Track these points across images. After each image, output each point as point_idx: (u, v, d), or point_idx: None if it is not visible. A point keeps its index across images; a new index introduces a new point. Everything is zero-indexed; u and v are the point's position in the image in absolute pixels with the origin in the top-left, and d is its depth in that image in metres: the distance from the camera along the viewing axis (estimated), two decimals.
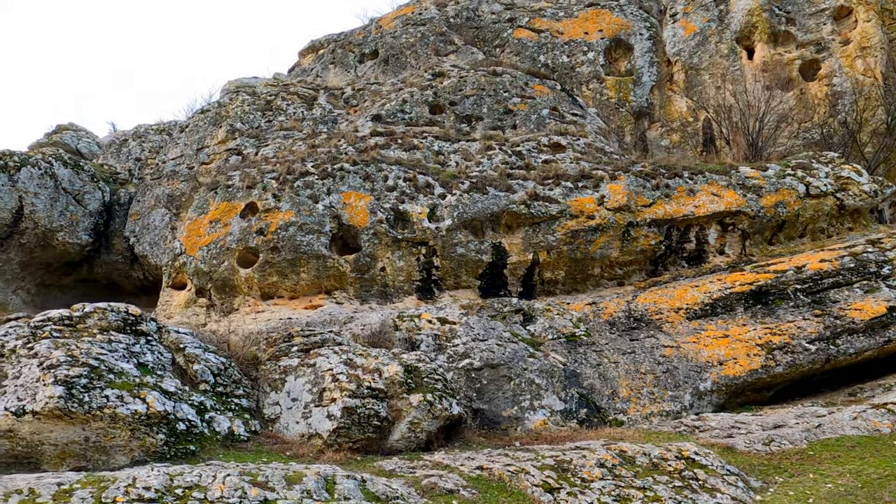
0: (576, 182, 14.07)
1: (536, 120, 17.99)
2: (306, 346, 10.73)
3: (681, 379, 10.93)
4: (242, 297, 13.41)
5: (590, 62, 20.09)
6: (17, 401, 7.83)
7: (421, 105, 18.50)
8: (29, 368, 8.19)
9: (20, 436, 7.73)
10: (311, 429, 9.55)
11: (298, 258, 13.09)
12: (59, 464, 7.87)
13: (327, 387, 9.76)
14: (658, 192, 13.94)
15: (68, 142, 31.50)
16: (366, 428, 9.40)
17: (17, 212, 19.32)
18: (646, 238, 13.61)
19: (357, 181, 14.03)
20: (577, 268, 13.62)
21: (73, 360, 8.20)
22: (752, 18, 18.66)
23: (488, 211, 13.48)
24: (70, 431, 7.84)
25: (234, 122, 19.95)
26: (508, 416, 10.55)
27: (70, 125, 33.54)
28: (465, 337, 11.38)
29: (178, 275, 14.35)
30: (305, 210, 13.36)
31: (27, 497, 5.70)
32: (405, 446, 9.57)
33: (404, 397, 9.65)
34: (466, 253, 13.26)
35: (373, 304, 13.15)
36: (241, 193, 14.10)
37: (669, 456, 8.35)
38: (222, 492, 6.01)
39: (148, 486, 5.93)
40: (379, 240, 13.27)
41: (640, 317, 12.20)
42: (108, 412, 7.90)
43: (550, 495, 7.73)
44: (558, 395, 10.63)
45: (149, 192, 20.96)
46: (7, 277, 20.18)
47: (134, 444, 8.05)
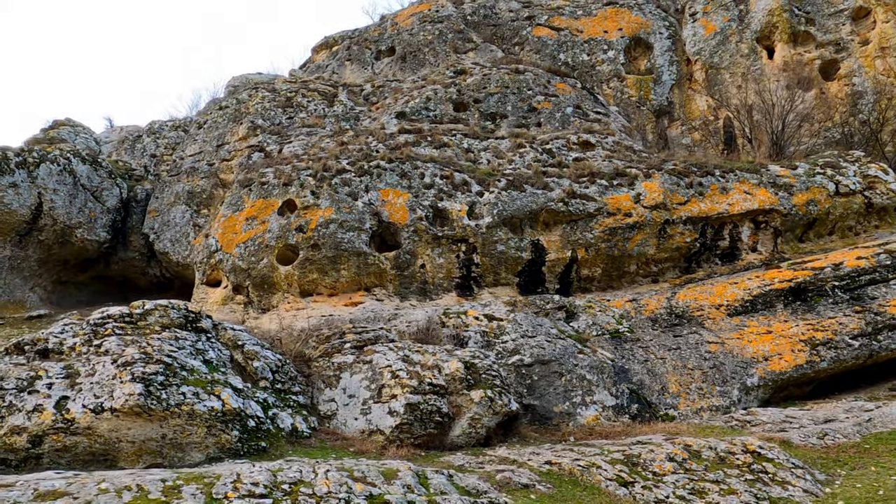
0: (611, 180, 14.20)
1: (561, 118, 18.10)
2: (359, 343, 10.79)
3: (728, 374, 11.10)
4: (281, 294, 13.41)
5: (610, 61, 20.23)
6: (95, 398, 7.82)
7: (445, 102, 18.55)
8: (103, 366, 8.18)
9: (98, 433, 7.73)
10: (372, 425, 9.61)
11: (339, 255, 13.11)
12: (135, 461, 7.88)
13: (386, 383, 9.82)
14: (692, 190, 14.10)
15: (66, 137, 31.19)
16: (427, 424, 9.48)
17: (36, 208, 19.17)
18: (681, 235, 13.77)
19: (394, 178, 14.07)
20: (613, 265, 13.76)
21: (147, 358, 8.20)
22: (772, 18, 18.87)
23: (527, 208, 13.58)
24: (148, 429, 7.85)
25: (254, 118, 19.88)
26: (560, 412, 10.66)
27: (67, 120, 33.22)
28: (513, 333, 11.48)
29: (213, 272, 14.32)
30: (345, 207, 13.38)
31: (138, 493, 5.71)
32: (465, 442, 9.65)
33: (464, 393, 9.73)
34: (506, 250, 13.35)
35: (413, 301, 13.21)
36: (278, 190, 14.08)
37: (736, 450, 8.51)
38: (328, 487, 6.06)
39: (255, 482, 5.97)
40: (419, 237, 13.32)
41: (681, 313, 12.36)
42: (186, 409, 7.92)
43: (625, 489, 7.85)
44: (609, 391, 10.75)
45: (167, 188, 20.85)
46: (25, 274, 20.02)
47: (209, 441, 8.07)
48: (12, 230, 18.95)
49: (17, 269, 19.77)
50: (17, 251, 19.44)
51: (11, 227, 18.88)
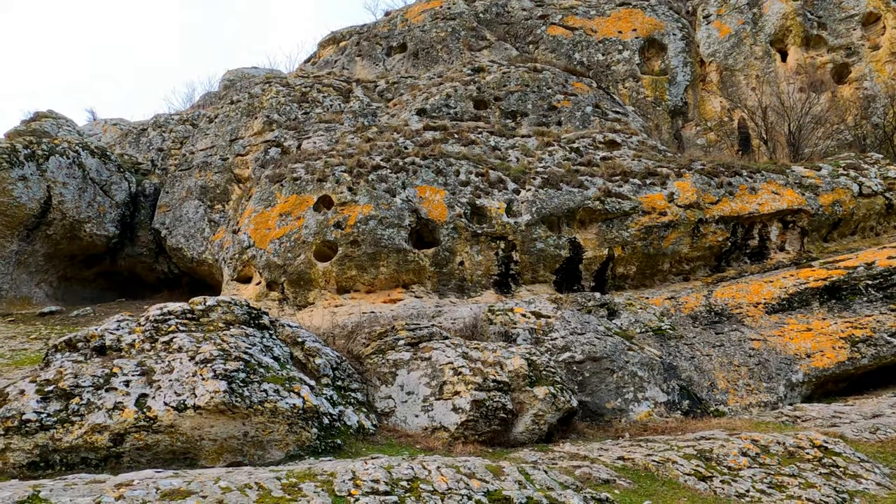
0: (643, 179, 14.35)
1: (581, 117, 18.24)
2: (413, 339, 10.75)
3: (773, 371, 11.32)
4: (318, 291, 13.31)
5: (625, 61, 20.43)
6: (176, 396, 7.69)
7: (465, 100, 18.56)
8: (180, 363, 8.04)
9: (181, 431, 7.60)
10: (435, 422, 9.59)
11: (378, 252, 13.06)
12: (216, 459, 7.77)
13: (448, 380, 9.81)
14: (722, 189, 14.33)
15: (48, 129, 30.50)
16: (492, 421, 9.50)
17: (45, 202, 18.77)
18: (713, 234, 13.99)
19: (430, 175, 14.04)
20: (647, 263, 13.92)
21: (225, 355, 8.09)
22: (785, 22, 19.24)
23: (565, 206, 13.66)
24: (230, 426, 7.74)
25: (269, 113, 19.67)
26: (612, 408, 10.77)
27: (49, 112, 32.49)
28: (562, 331, 11.55)
29: (244, 268, 14.15)
30: (384, 204, 13.32)
31: (260, 492, 5.64)
32: (528, 438, 9.69)
33: (527, 390, 9.77)
34: (545, 248, 13.42)
35: (452, 299, 13.21)
36: (312, 186, 13.96)
37: (804, 444, 8.69)
38: (447, 483, 6.05)
39: (375, 479, 5.93)
40: (458, 234, 13.32)
41: (720, 311, 12.56)
42: (269, 406, 7.83)
43: (704, 483, 7.97)
44: (660, 387, 10.89)
45: (178, 183, 20.53)
46: (31, 270, 19.55)
47: (290, 439, 7.99)
48: (20, 224, 18.51)
49: (24, 265, 19.31)
50: (25, 246, 19.00)
51: (20, 221, 18.44)
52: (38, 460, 7.38)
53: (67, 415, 7.53)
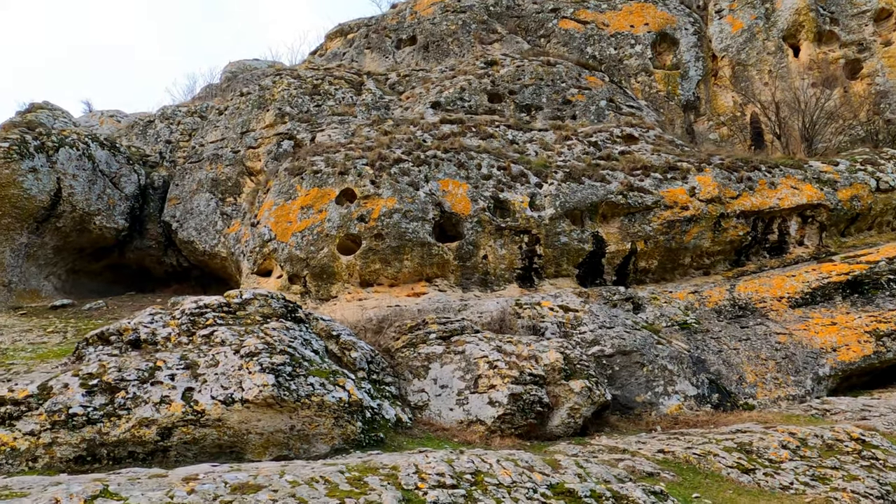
0: (664, 173, 14.38)
1: (596, 111, 18.25)
2: (445, 333, 10.75)
3: (800, 364, 11.40)
4: (341, 285, 13.26)
5: (638, 55, 20.43)
6: (223, 390, 7.65)
7: (480, 93, 18.52)
8: (224, 356, 7.99)
9: (228, 425, 7.56)
10: (471, 415, 9.60)
11: (403, 245, 13.02)
12: (262, 453, 7.73)
13: (483, 374, 9.82)
14: (742, 184, 14.38)
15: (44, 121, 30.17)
16: (528, 414, 9.51)
17: (55, 194, 18.57)
18: (734, 229, 14.04)
19: (452, 169, 14.01)
20: (669, 257, 13.96)
21: (270, 348, 8.05)
22: (798, 17, 19.30)
23: (588, 200, 13.67)
24: (277, 420, 7.71)
25: (281, 105, 19.55)
26: (642, 402, 10.81)
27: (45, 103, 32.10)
28: (591, 324, 11.57)
29: (265, 261, 14.07)
30: (408, 197, 13.28)
31: (327, 485, 5.61)
32: (563, 432, 9.72)
33: (563, 383, 9.80)
34: (569, 242, 13.43)
35: (476, 292, 13.20)
36: (333, 179, 13.89)
37: (842, 437, 8.76)
38: (511, 477, 6.05)
39: (439, 472, 5.92)
40: (482, 228, 13.31)
41: (744, 305, 12.63)
42: (316, 400, 7.80)
43: (748, 476, 8.02)
44: (690, 381, 10.94)
45: (188, 175, 20.38)
46: (40, 263, 19.38)
47: (336, 432, 7.97)
48: (30, 216, 18.32)
49: (33, 257, 19.12)
50: (34, 238, 18.81)
51: (30, 214, 18.25)
52: (84, 454, 7.32)
53: (114, 409, 7.47)
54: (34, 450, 7.25)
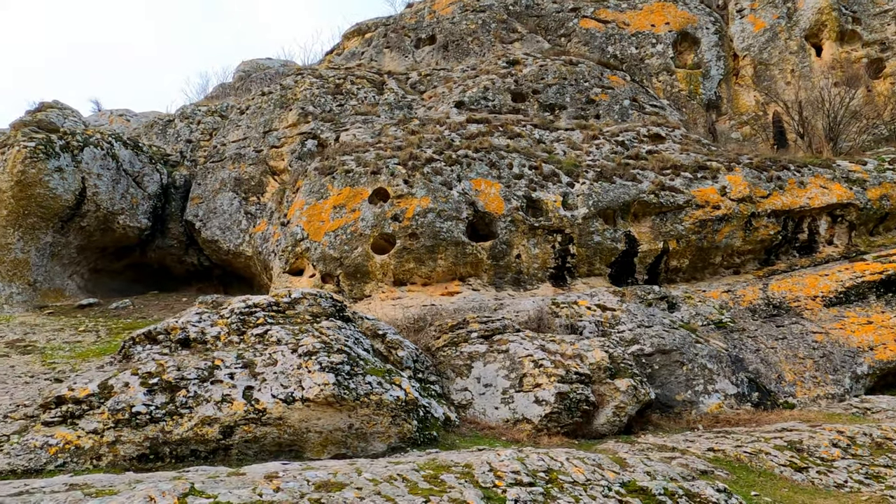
0: (694, 172, 14.42)
1: (620, 110, 18.29)
2: (486, 332, 10.80)
3: (837, 363, 11.45)
4: (375, 284, 13.31)
5: (659, 54, 20.46)
6: (283, 388, 7.70)
7: (503, 93, 18.56)
8: (282, 355, 8.04)
9: (288, 423, 7.61)
10: (517, 414, 9.64)
11: (437, 245, 13.06)
12: (320, 451, 7.78)
13: (528, 373, 9.86)
14: (772, 183, 14.42)
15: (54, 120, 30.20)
16: (574, 413, 9.56)
17: (79, 194, 18.60)
18: (765, 228, 14.09)
19: (484, 168, 14.05)
20: (700, 256, 14.00)
21: (327, 347, 8.09)
22: (821, 17, 19.33)
23: (620, 200, 13.72)
24: (336, 418, 7.76)
25: (304, 104, 19.59)
26: (682, 400, 10.85)
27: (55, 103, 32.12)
28: (629, 323, 11.62)
29: (297, 260, 14.10)
30: (441, 196, 13.32)
31: (405, 483, 5.66)
32: (608, 430, 9.77)
33: (608, 382, 9.85)
34: (602, 241, 13.48)
35: (509, 291, 13.25)
36: (365, 179, 13.93)
37: (891, 435, 8.81)
38: (584, 474, 6.10)
39: (514, 470, 5.97)
40: (516, 227, 13.35)
41: (778, 304, 12.68)
42: (375, 399, 7.85)
43: (801, 474, 8.06)
44: (729, 379, 10.99)
45: (210, 175, 20.42)
46: (64, 262, 19.43)
47: (392, 431, 8.02)
48: (55, 216, 18.35)
49: (58, 257, 19.17)
50: (59, 237, 18.86)
51: (55, 213, 18.28)
52: (147, 453, 7.37)
53: (175, 407, 7.52)
54: (98, 448, 7.30)
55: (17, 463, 7.16)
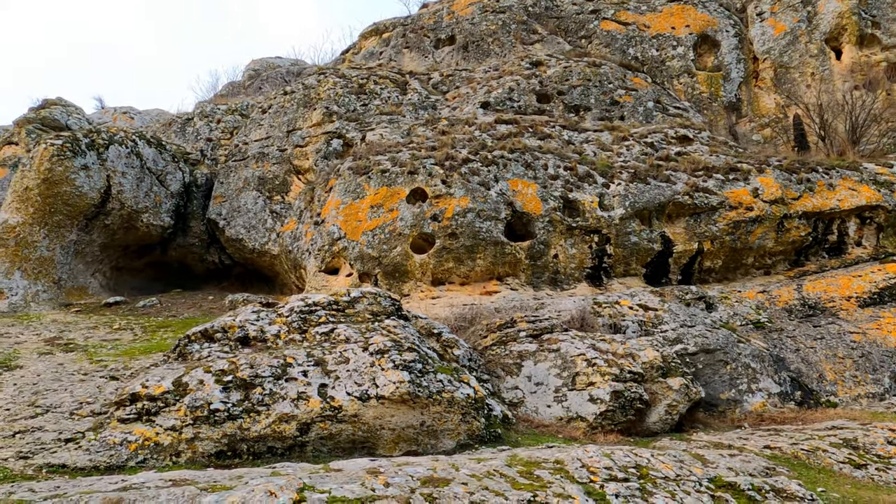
0: (726, 174, 14.60)
1: (644, 112, 18.45)
2: (535, 331, 10.92)
3: (876, 363, 11.64)
4: (414, 283, 13.40)
5: (680, 57, 20.65)
6: (357, 386, 7.79)
7: (528, 93, 18.69)
8: (353, 353, 8.13)
9: (363, 420, 7.70)
10: (570, 412, 9.77)
11: (477, 244, 13.17)
12: (392, 448, 7.88)
13: (581, 371, 9.99)
14: (802, 185, 14.62)
15: (58, 117, 30.20)
16: (628, 411, 9.70)
17: (104, 192, 18.58)
18: (796, 230, 14.28)
19: (520, 169, 14.17)
20: (733, 257, 14.18)
21: (398, 346, 8.19)
22: (841, 21, 19.57)
23: (656, 201, 13.87)
24: (409, 416, 7.86)
25: (328, 104, 19.65)
26: (726, 399, 11.01)
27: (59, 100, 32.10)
28: (672, 323, 11.77)
29: (333, 259, 14.18)
30: (480, 197, 13.43)
31: (504, 479, 5.77)
32: (660, 428, 9.91)
33: (660, 381, 9.99)
34: (639, 241, 13.63)
35: (547, 290, 13.38)
36: (403, 179, 14.02)
37: None
38: (673, 470, 6.23)
39: (607, 466, 6.10)
40: (554, 227, 13.48)
41: (813, 304, 12.87)
42: (447, 396, 7.95)
43: (861, 471, 8.23)
44: (772, 378, 11.16)
45: (233, 173, 20.46)
46: (87, 260, 19.42)
47: (462, 428, 8.12)
48: (81, 214, 18.34)
49: (81, 255, 19.16)
50: (83, 235, 18.85)
51: (80, 211, 18.27)
52: (225, 449, 7.44)
53: (252, 404, 7.59)
54: (177, 445, 7.37)
55: (98, 459, 7.22)
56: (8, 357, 11.30)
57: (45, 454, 7.41)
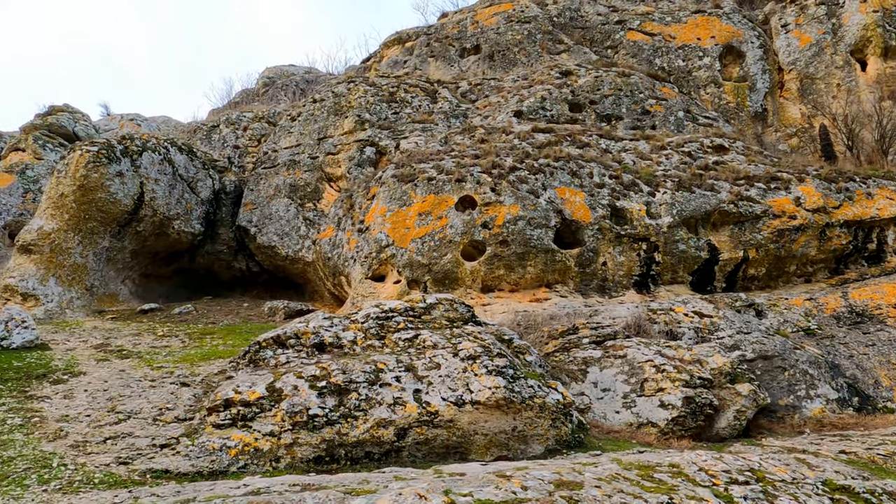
0: (767, 183, 14.79)
1: (675, 122, 18.67)
2: (598, 338, 11.02)
3: None
4: (464, 290, 13.47)
5: (707, 67, 20.91)
6: (450, 391, 7.84)
7: (561, 103, 18.87)
8: (443, 359, 8.19)
9: (458, 426, 7.75)
10: (641, 418, 9.86)
11: (528, 252, 13.27)
12: (484, 453, 7.93)
13: (650, 377, 10.09)
14: (841, 194, 14.84)
15: (65, 124, 30.22)
16: (698, 416, 9.80)
17: (138, 198, 18.56)
18: (838, 238, 14.48)
19: (566, 177, 14.30)
20: (776, 265, 14.36)
21: (487, 351, 8.26)
22: (866, 33, 19.90)
23: (703, 209, 14.04)
24: (502, 421, 7.92)
25: (360, 112, 19.76)
26: (785, 405, 11.14)
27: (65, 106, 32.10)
28: (728, 329, 11.91)
29: (380, 266, 14.23)
30: (530, 204, 13.54)
31: (627, 482, 5.85)
32: (728, 434, 10.02)
33: (728, 387, 10.10)
34: (687, 249, 13.78)
35: (597, 298, 13.49)
36: (450, 186, 14.12)
37: None
38: (787, 473, 6.33)
39: (725, 469, 6.18)
40: (602, 235, 13.61)
41: (861, 311, 13.04)
42: (538, 401, 8.02)
43: None
44: (829, 385, 11.30)
45: (263, 181, 20.49)
46: (118, 266, 19.38)
47: (551, 433, 8.19)
48: (114, 220, 18.32)
49: (113, 262, 19.13)
50: (115, 242, 18.82)
51: (114, 218, 18.25)
52: (323, 455, 7.47)
53: (349, 410, 7.63)
54: (276, 450, 7.39)
55: (200, 465, 7.23)
56: (69, 363, 11.27)
57: (143, 459, 7.41)
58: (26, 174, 25.95)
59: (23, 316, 12.52)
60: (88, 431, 8.19)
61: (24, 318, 12.47)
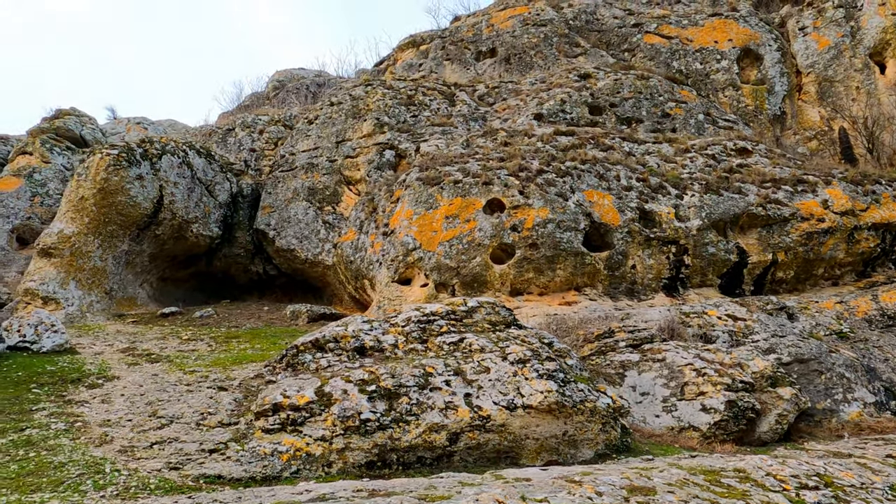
0: (794, 186, 14.76)
1: (695, 124, 18.64)
2: (635, 341, 10.96)
3: None
4: (493, 293, 13.41)
5: (725, 70, 20.89)
6: (501, 395, 7.77)
7: (581, 105, 18.83)
8: (493, 363, 8.12)
9: (510, 430, 7.68)
10: (682, 422, 9.79)
11: (557, 255, 13.22)
12: (534, 458, 7.86)
13: (690, 381, 10.03)
14: (868, 197, 14.80)
15: (72, 127, 30.12)
16: (740, 420, 9.73)
17: (157, 202, 18.50)
18: (866, 241, 14.44)
19: (594, 180, 14.25)
20: (804, 268, 14.31)
21: (536, 355, 8.19)
22: (885, 36, 19.89)
23: (731, 212, 13.99)
24: (553, 425, 7.85)
25: (378, 115, 19.72)
26: (822, 409, 11.07)
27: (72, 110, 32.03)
28: (763, 333, 11.84)
29: (407, 269, 14.17)
30: (559, 207, 13.49)
31: (693, 487, 5.79)
32: (770, 438, 9.95)
33: (770, 390, 10.04)
34: (716, 252, 13.73)
35: (626, 301, 13.43)
36: (477, 189, 14.06)
37: None
38: (854, 478, 6.27)
39: (794, 474, 6.12)
40: (632, 238, 13.55)
41: (893, 314, 12.99)
42: (589, 406, 7.95)
43: None
44: (866, 388, 11.24)
45: (281, 184, 20.43)
46: (137, 270, 19.31)
47: (601, 438, 8.12)
48: (133, 224, 18.25)
49: (131, 265, 19.06)
50: (134, 246, 18.75)
51: (133, 221, 18.18)
52: (375, 459, 7.40)
53: (400, 414, 7.56)
54: (328, 455, 7.31)
55: (253, 470, 7.15)
56: (101, 368, 11.19)
57: (193, 465, 7.32)
58: (34, 178, 25.86)
59: (52, 320, 12.46)
60: (133, 437, 8.11)
61: (54, 322, 12.41)
